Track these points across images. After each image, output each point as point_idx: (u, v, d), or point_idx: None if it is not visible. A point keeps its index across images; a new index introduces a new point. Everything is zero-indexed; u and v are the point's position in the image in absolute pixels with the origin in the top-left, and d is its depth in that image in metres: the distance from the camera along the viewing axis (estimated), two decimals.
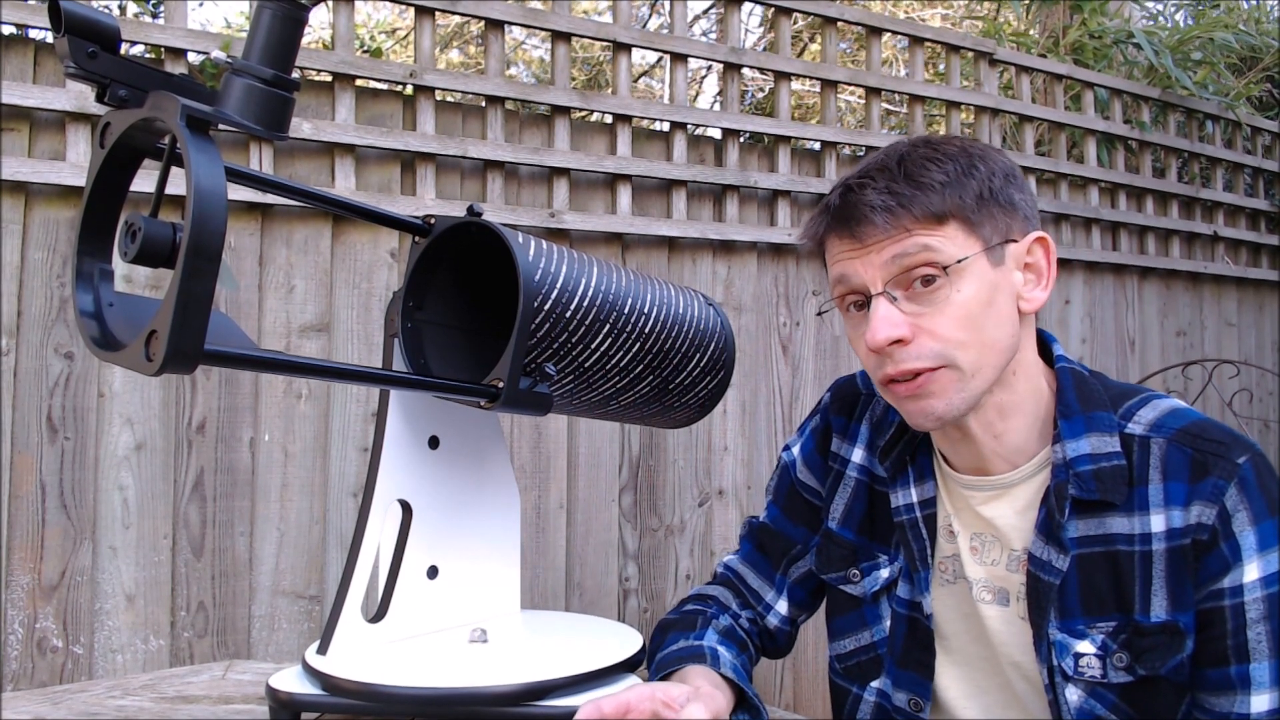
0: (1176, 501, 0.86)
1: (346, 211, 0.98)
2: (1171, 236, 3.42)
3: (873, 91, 2.75)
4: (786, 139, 2.59)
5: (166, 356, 0.67)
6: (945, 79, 2.98)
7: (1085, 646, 0.88)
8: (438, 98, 2.12)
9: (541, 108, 2.35)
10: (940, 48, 2.93)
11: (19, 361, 1.74)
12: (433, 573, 1.02)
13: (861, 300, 0.90)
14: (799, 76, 2.68)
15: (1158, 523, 0.87)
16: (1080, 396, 0.92)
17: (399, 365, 0.99)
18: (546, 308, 0.91)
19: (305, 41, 0.88)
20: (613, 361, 1.00)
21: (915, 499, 0.99)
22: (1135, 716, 0.87)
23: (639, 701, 0.83)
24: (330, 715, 0.94)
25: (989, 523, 0.95)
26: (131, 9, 2.58)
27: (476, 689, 0.88)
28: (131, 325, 0.78)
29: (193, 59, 1.91)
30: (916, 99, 2.85)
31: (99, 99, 0.75)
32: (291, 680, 0.92)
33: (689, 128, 2.45)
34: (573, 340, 0.95)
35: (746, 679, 0.97)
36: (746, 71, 3.35)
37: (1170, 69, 3.36)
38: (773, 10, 2.61)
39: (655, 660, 1.02)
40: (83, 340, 0.78)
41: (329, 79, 2.03)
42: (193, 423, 1.86)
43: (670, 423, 1.17)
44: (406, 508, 1.00)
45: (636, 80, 6.02)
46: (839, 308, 0.94)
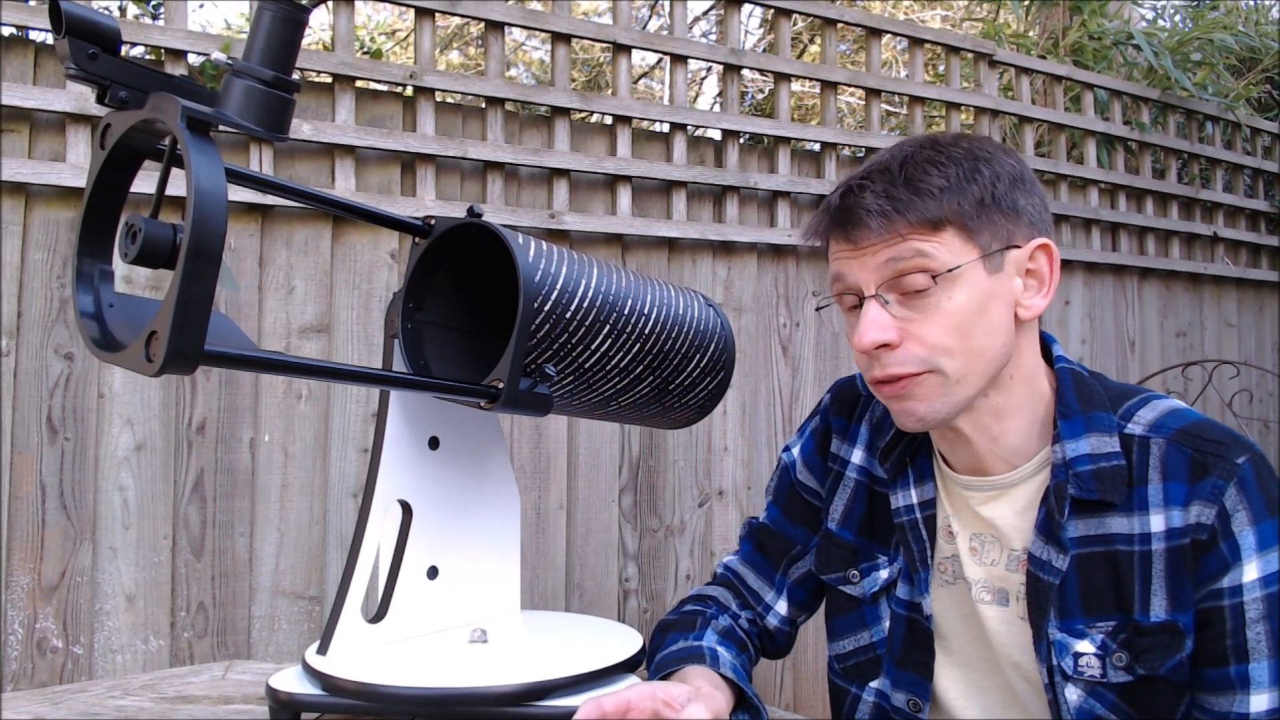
0: (1176, 501, 0.86)
1: (346, 212, 0.98)
2: (1171, 237, 3.42)
3: (873, 93, 2.75)
4: (786, 140, 2.59)
5: (166, 357, 0.67)
6: (945, 80, 2.98)
7: (1085, 646, 0.88)
8: (438, 99, 2.12)
9: (541, 109, 2.35)
10: (940, 49, 2.93)
11: (19, 362, 1.74)
12: (433, 573, 1.02)
13: (856, 300, 0.91)
14: (799, 78, 2.69)
15: (1157, 523, 0.87)
16: (1080, 397, 0.92)
17: (399, 366, 0.99)
18: (546, 308, 0.91)
19: (305, 43, 0.88)
20: (613, 362, 1.00)
21: (915, 500, 0.99)
22: (1135, 716, 0.88)
23: (640, 700, 0.84)
24: (330, 715, 0.94)
25: (989, 523, 0.95)
26: (132, 10, 2.58)
27: (476, 689, 0.88)
28: (131, 326, 0.78)
29: (193, 60, 1.91)
30: (916, 100, 2.85)
31: (99, 100, 0.75)
32: (291, 680, 0.93)
33: (689, 129, 2.45)
34: (573, 341, 0.95)
35: (746, 679, 0.97)
36: (746, 73, 3.35)
37: (1170, 70, 3.36)
38: (772, 11, 2.62)
39: (655, 660, 1.02)
40: (83, 341, 0.78)
41: (329, 80, 2.03)
42: (193, 423, 1.86)
43: (670, 423, 1.17)
44: (406, 508, 1.00)
45: (636, 81, 6.02)
46: (838, 303, 0.94)
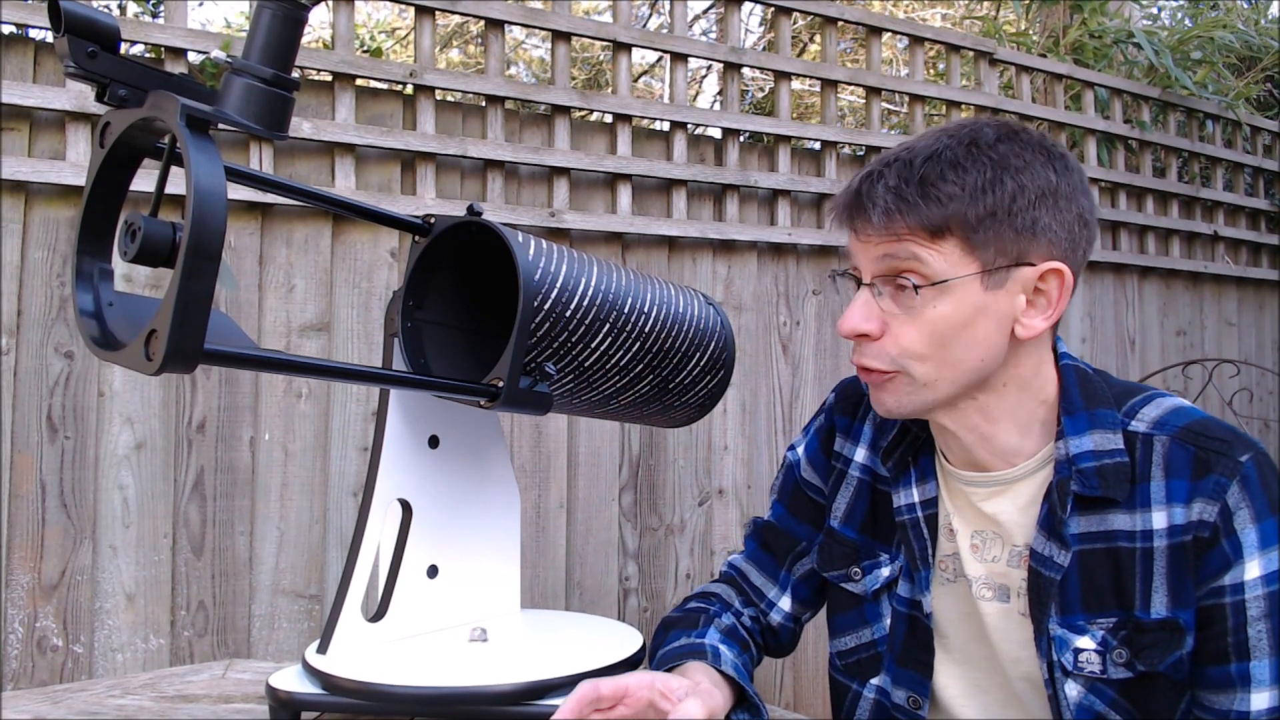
0: (1178, 499, 0.86)
1: (346, 211, 0.98)
2: (1171, 236, 3.42)
3: (873, 91, 2.75)
4: (786, 138, 2.58)
5: (166, 356, 0.67)
6: (945, 78, 2.98)
7: (1085, 642, 0.88)
8: (438, 97, 2.12)
9: (541, 107, 2.35)
10: (940, 47, 2.93)
11: (19, 361, 1.74)
12: (433, 572, 1.02)
13: (858, 282, 0.92)
14: (799, 76, 2.68)
15: (1159, 520, 0.87)
16: (1084, 394, 0.93)
17: (399, 365, 0.99)
18: (546, 307, 0.91)
19: (305, 41, 0.88)
20: (612, 361, 1.00)
21: (917, 499, 0.99)
22: (1134, 712, 0.88)
23: (637, 688, 0.84)
24: (330, 715, 0.94)
25: (991, 519, 0.95)
26: (131, 9, 2.58)
27: (476, 688, 0.88)
28: (131, 325, 0.78)
29: (193, 59, 1.91)
30: (917, 99, 2.85)
31: (99, 98, 0.75)
32: (291, 679, 0.92)
33: (689, 127, 2.45)
34: (572, 339, 0.95)
35: (747, 677, 0.97)
36: (746, 71, 3.34)
37: (1170, 69, 3.36)
38: (772, 10, 2.61)
39: (656, 657, 1.02)
40: (83, 340, 0.78)
41: (329, 78, 2.03)
42: (193, 422, 1.86)
43: (670, 422, 1.17)
44: (406, 507, 1.00)
45: (636, 80, 6.02)
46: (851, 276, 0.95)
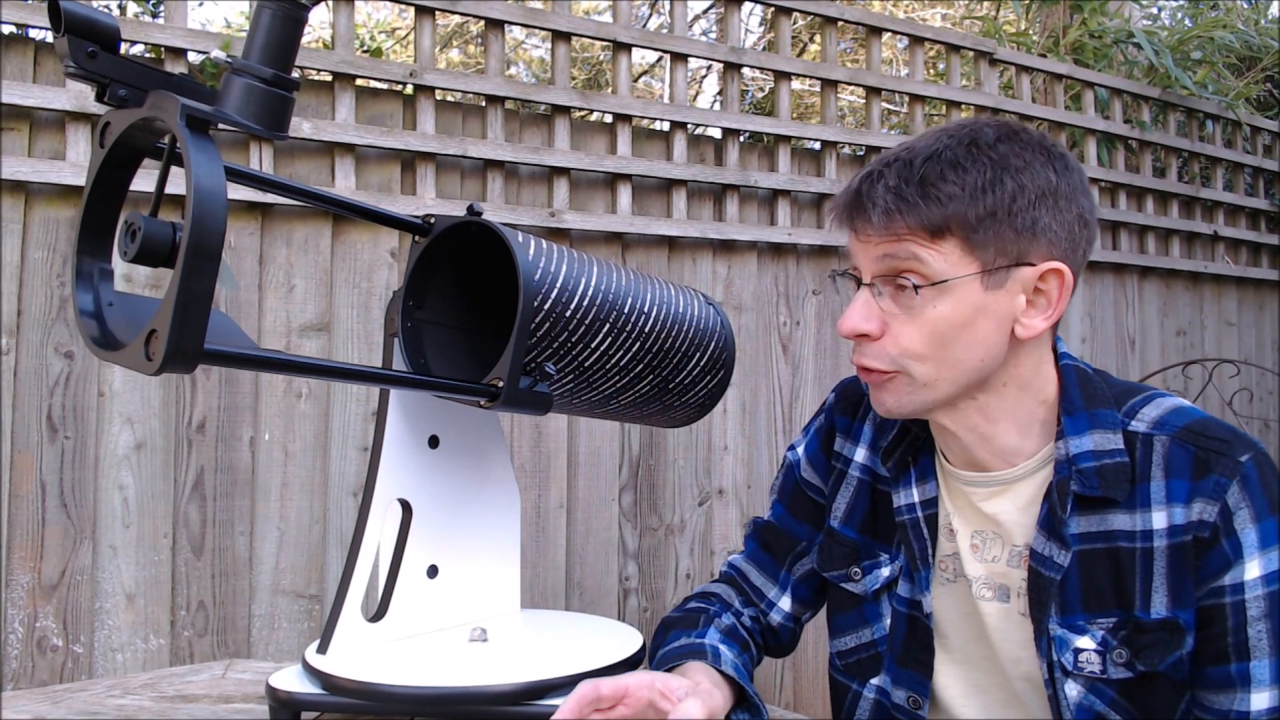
0: (1178, 499, 0.86)
1: (346, 211, 0.98)
2: (1171, 236, 3.42)
3: (873, 91, 2.75)
4: (786, 138, 2.58)
5: (166, 356, 0.67)
6: (945, 78, 2.98)
7: (1085, 642, 0.88)
8: (438, 97, 2.12)
9: (541, 107, 2.35)
10: (940, 47, 2.93)
11: (19, 361, 1.74)
12: (433, 572, 1.02)
13: (858, 282, 0.91)
14: (799, 76, 2.68)
15: (1159, 520, 0.87)
16: (1084, 394, 0.92)
17: (399, 365, 0.99)
18: (546, 307, 0.91)
19: (305, 41, 0.88)
20: (612, 361, 1.00)
21: (917, 499, 0.99)
22: (1134, 712, 0.88)
23: (637, 688, 0.84)
24: (330, 714, 0.94)
25: (991, 519, 0.95)
26: (131, 9, 2.58)
27: (476, 688, 0.88)
28: (131, 325, 0.78)
29: (193, 59, 1.91)
30: (917, 99, 2.85)
31: (99, 98, 0.75)
32: (291, 679, 0.92)
33: (689, 127, 2.45)
34: (573, 339, 0.95)
35: (747, 677, 0.97)
36: (746, 71, 3.34)
37: (1170, 69, 3.35)
38: (772, 10, 2.61)
39: (657, 656, 1.02)
40: (82, 340, 0.78)
41: (329, 78, 2.03)
42: (193, 422, 1.86)
43: (670, 422, 1.17)
44: (406, 507, 1.00)
45: (636, 80, 6.02)
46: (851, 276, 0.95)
